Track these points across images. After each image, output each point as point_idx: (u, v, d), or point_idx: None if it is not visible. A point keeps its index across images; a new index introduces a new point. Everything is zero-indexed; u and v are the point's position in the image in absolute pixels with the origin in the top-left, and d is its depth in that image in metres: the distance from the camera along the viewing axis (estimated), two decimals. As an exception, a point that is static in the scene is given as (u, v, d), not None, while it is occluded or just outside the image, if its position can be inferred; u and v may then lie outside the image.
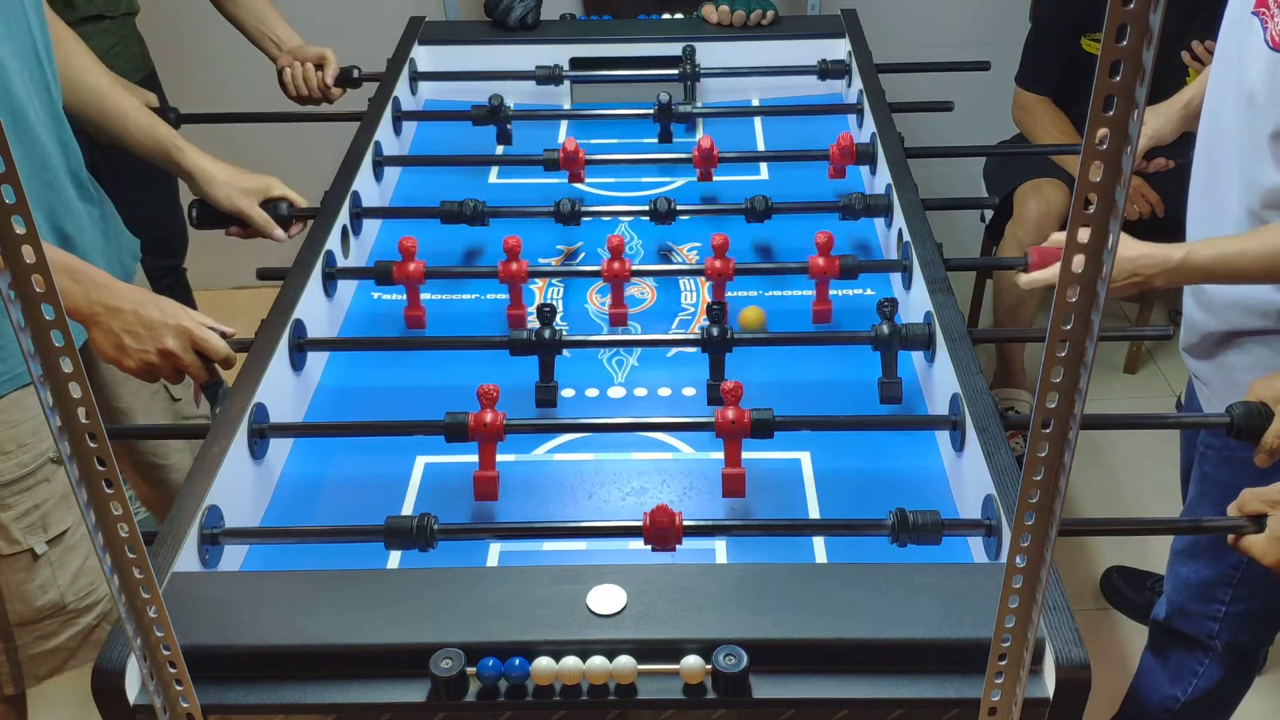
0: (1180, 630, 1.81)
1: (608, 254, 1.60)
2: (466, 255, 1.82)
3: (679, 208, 1.76)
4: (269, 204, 1.73)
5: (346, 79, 2.17)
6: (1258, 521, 1.17)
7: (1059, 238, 1.57)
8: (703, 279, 1.66)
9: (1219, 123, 1.57)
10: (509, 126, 2.03)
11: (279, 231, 1.74)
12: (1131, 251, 1.48)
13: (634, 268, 1.61)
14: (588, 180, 1.98)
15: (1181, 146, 1.83)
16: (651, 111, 2.02)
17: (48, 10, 1.56)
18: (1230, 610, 1.74)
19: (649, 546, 1.19)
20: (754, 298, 1.69)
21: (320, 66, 2.15)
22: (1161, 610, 1.84)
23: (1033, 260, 1.55)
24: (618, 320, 1.62)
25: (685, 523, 1.18)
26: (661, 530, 1.17)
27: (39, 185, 1.51)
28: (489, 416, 1.30)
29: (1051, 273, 1.52)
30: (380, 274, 1.62)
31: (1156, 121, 1.82)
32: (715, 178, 1.88)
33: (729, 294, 1.66)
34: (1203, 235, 1.62)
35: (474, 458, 1.32)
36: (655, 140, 2.03)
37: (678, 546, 1.19)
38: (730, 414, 1.29)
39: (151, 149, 1.70)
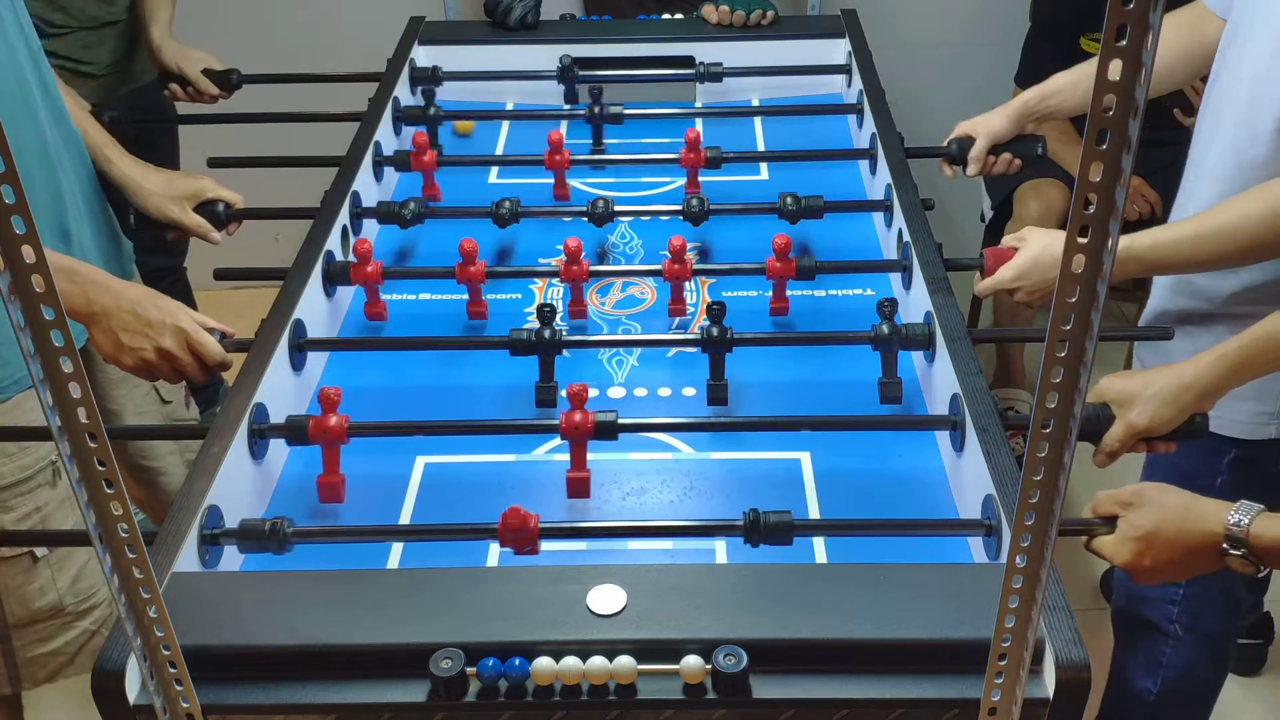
0: (1142, 616, 1.81)
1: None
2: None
3: (616, 209, 1.76)
4: (206, 205, 1.72)
5: (224, 84, 2.16)
6: (1110, 523, 1.18)
7: (1010, 240, 1.57)
8: (664, 278, 1.66)
9: (1220, 106, 1.56)
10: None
11: (215, 234, 1.73)
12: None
13: (592, 269, 1.62)
14: (585, 180, 1.99)
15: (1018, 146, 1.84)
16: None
17: None
18: (1187, 592, 1.74)
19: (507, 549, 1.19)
20: (753, 298, 1.69)
21: (186, 81, 2.15)
22: (1121, 599, 1.84)
23: (988, 264, 1.55)
24: (578, 315, 1.63)
25: (686, 522, 1.18)
26: (516, 533, 1.17)
27: (43, 179, 1.51)
28: (332, 420, 1.30)
29: (1001, 275, 1.52)
30: (336, 275, 1.63)
31: (993, 121, 1.84)
32: (714, 178, 1.88)
33: (726, 294, 1.67)
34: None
35: (476, 458, 1.32)
36: (664, 139, 2.03)
37: (675, 546, 1.19)
38: (576, 417, 1.29)
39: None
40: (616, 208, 1.77)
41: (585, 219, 1.76)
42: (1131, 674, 1.87)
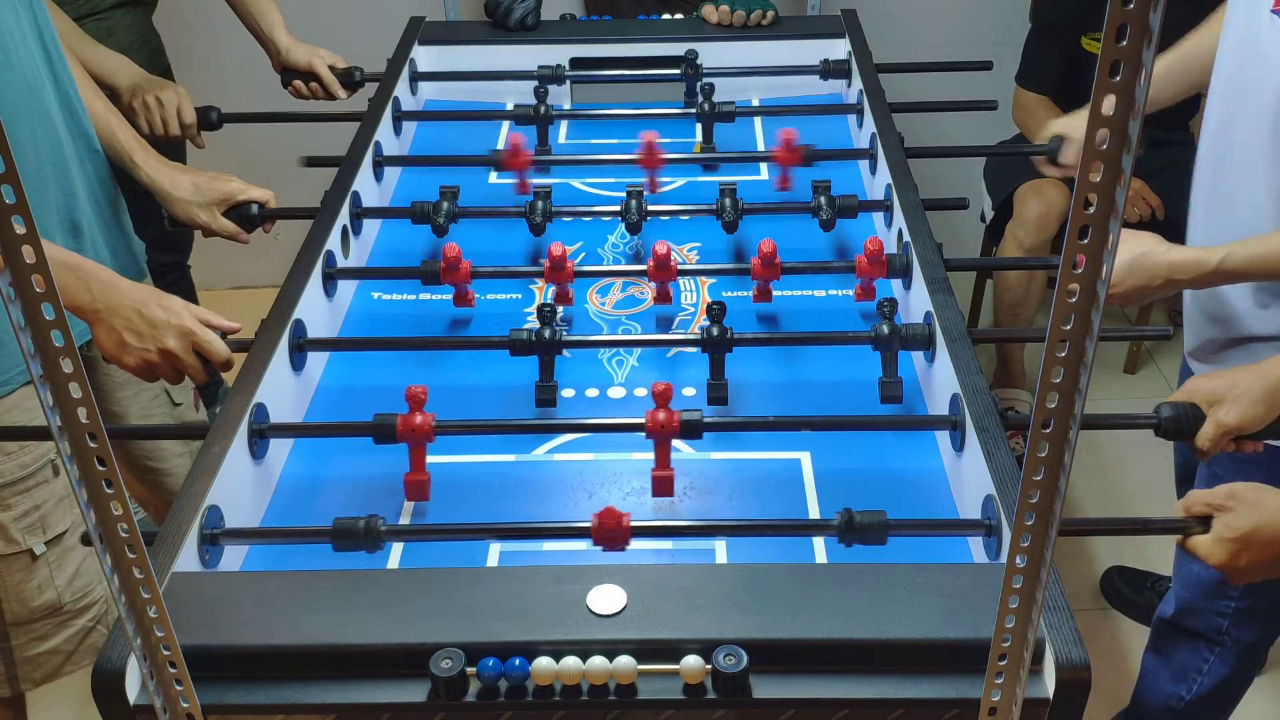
0: (1188, 627, 1.81)
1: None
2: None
3: (649, 209, 1.75)
4: (239, 207, 1.72)
5: (348, 82, 2.17)
6: (1204, 523, 1.18)
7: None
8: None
9: (1230, 131, 1.56)
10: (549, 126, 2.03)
11: (244, 236, 1.74)
12: (1166, 257, 1.47)
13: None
14: (588, 180, 1.99)
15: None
16: (693, 111, 2.04)
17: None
18: (1240, 606, 1.74)
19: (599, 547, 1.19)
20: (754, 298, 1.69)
21: (314, 76, 2.16)
22: (1170, 608, 1.84)
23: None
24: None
25: (686, 523, 1.18)
26: (609, 532, 1.17)
27: (54, 173, 1.52)
28: (418, 419, 1.29)
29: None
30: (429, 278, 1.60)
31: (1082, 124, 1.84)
32: (711, 178, 1.88)
33: (725, 294, 1.67)
34: (1208, 240, 1.62)
35: (476, 458, 1.32)
36: (666, 140, 2.02)
37: (675, 546, 1.19)
38: (660, 415, 1.29)
39: (110, 156, 1.68)
40: (650, 208, 1.75)
41: (620, 218, 1.75)
42: (1161, 680, 1.88)
